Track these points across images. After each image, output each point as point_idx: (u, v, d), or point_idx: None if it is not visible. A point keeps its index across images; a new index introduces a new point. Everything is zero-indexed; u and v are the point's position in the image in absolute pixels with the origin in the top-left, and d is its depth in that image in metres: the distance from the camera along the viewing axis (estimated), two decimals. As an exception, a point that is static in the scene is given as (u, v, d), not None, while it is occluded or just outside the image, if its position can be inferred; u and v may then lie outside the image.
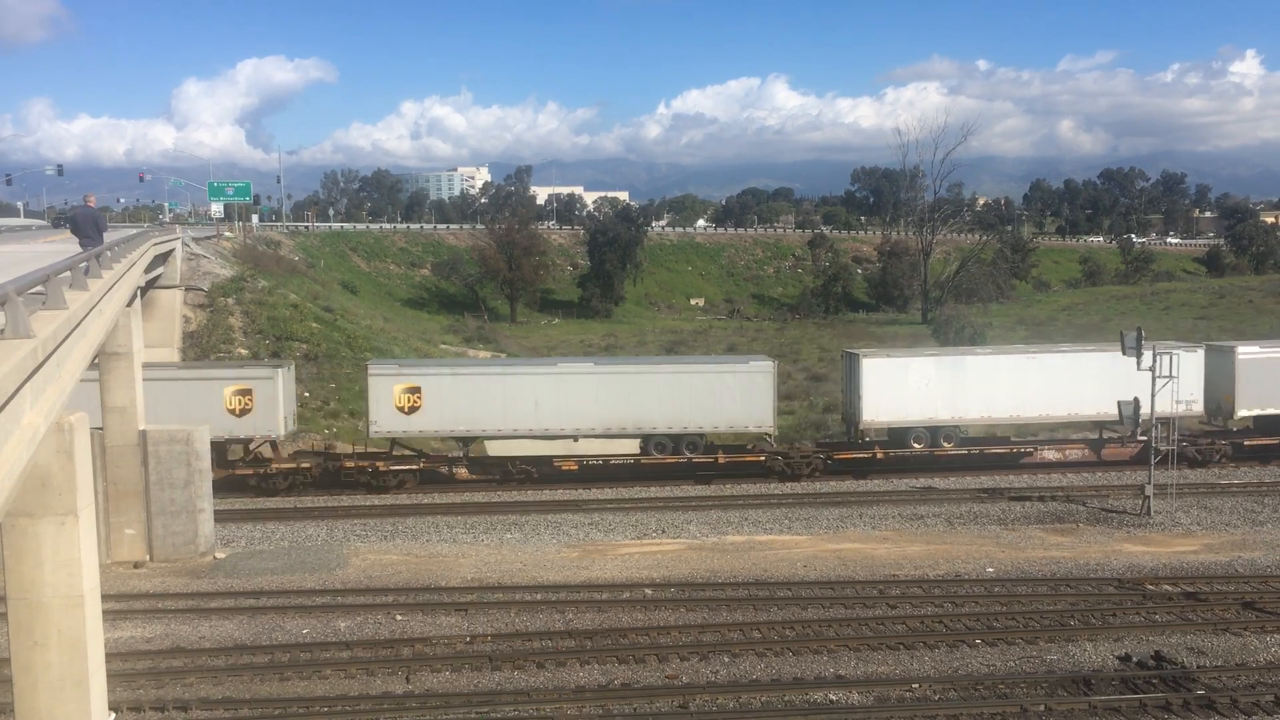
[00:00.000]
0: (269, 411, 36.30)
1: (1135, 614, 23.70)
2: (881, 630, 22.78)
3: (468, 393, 37.47)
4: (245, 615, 24.09)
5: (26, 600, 13.57)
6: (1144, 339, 32.51)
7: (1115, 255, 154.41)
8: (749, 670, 20.72)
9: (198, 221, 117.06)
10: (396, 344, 64.21)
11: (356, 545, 30.22)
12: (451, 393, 37.40)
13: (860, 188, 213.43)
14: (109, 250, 23.30)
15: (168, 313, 50.10)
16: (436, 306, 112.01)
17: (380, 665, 20.85)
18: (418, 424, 37.37)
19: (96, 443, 26.52)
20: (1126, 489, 35.27)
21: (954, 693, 19.55)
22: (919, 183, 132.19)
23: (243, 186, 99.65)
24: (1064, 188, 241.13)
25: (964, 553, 28.87)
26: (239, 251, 75.36)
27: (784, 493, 36.18)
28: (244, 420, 36.29)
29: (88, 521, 14.14)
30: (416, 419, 37.20)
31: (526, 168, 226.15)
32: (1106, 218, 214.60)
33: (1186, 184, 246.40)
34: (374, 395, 37.27)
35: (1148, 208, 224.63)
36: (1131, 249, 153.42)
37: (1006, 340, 75.39)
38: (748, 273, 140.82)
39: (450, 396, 37.33)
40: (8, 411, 9.43)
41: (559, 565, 28.07)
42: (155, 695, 19.47)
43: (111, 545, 28.53)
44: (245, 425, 36.39)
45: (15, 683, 13.85)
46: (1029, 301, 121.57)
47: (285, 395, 37.13)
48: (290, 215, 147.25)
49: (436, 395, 37.25)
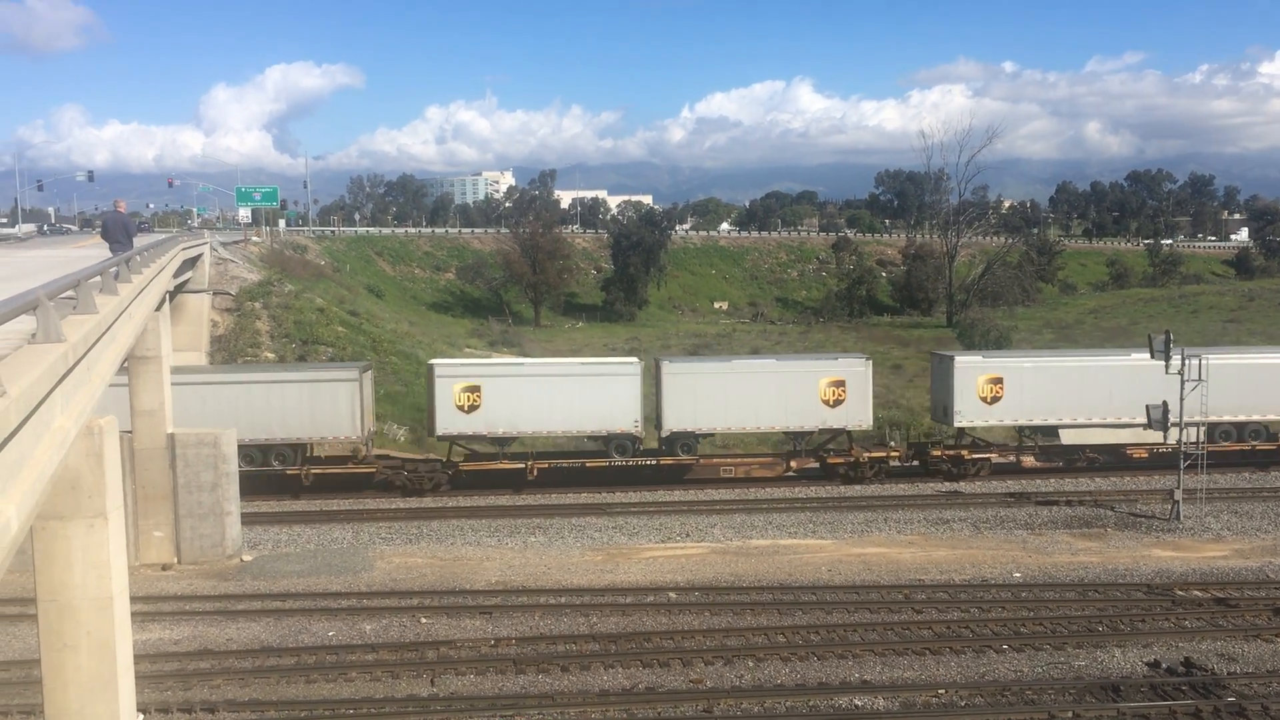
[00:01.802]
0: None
1: (1164, 620, 23.49)
2: (907, 635, 22.67)
3: None
4: (272, 617, 24.23)
5: (56, 602, 13.67)
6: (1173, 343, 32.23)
7: (1143, 258, 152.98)
8: (774, 675, 20.66)
9: (225, 226, 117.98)
10: (421, 347, 64.44)
11: (382, 548, 30.34)
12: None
13: (884, 191, 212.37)
14: (138, 255, 23.51)
15: (196, 317, 50.50)
16: (461, 310, 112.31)
17: (405, 668, 20.92)
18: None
19: (125, 446, 26.75)
20: (1155, 493, 34.98)
21: (980, 698, 19.43)
22: (944, 186, 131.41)
23: (270, 192, 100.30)
24: (1090, 190, 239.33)
25: (990, 557, 28.70)
26: (266, 256, 75.87)
27: (808, 496, 36.07)
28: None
29: (117, 524, 14.24)
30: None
31: (551, 172, 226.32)
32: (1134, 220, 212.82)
33: (1215, 186, 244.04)
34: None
35: (1175, 210, 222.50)
36: (1159, 251, 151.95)
37: (1033, 344, 74.96)
38: (771, 276, 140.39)
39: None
40: (39, 415, 9.52)
41: (583, 568, 28.08)
42: (183, 697, 19.61)
43: (140, 547, 28.74)
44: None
45: (45, 684, 13.96)
46: (1055, 305, 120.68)
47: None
48: (316, 220, 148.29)
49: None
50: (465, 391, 36.76)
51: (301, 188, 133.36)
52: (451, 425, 37.02)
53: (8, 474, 8.18)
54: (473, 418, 36.81)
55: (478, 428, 37.10)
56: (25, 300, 10.38)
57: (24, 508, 8.73)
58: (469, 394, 36.75)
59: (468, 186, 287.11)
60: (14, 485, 8.46)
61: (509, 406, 36.89)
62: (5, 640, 22.62)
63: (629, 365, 38.23)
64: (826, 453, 39.01)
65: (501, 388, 37.05)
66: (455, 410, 36.78)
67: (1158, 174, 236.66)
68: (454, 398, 36.76)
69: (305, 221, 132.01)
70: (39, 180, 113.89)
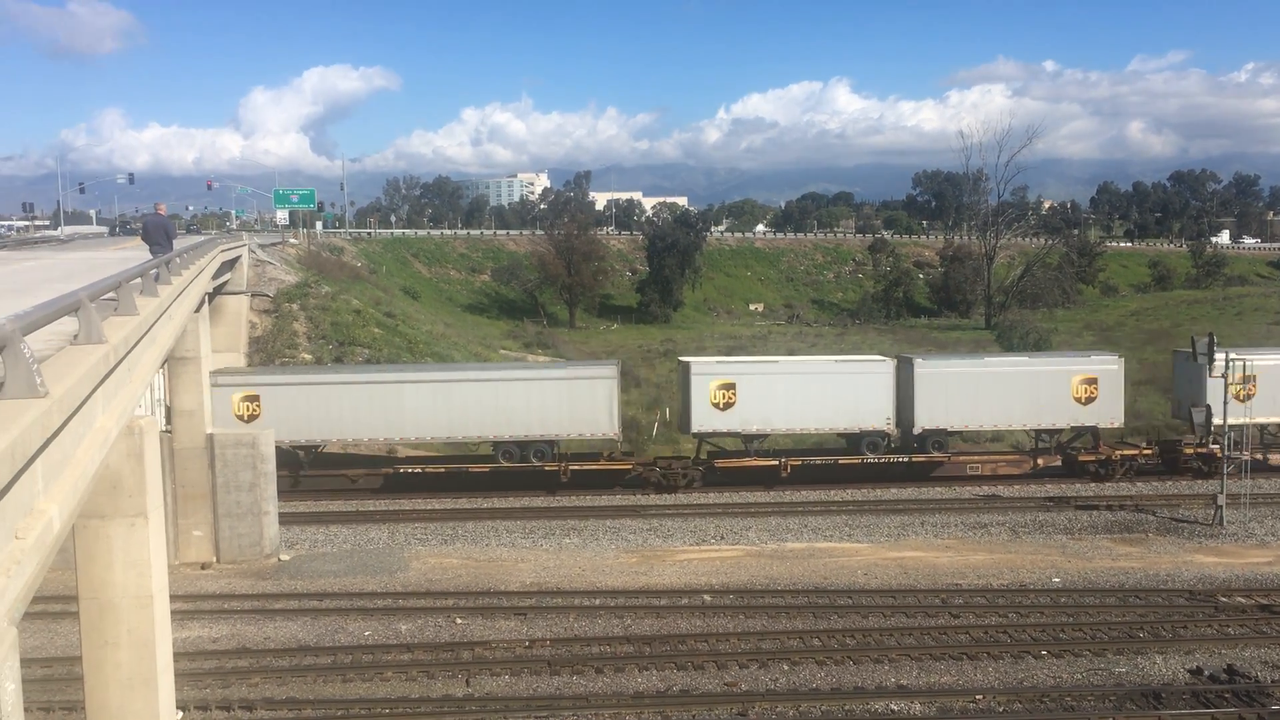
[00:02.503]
0: None
1: (1207, 626, 23.15)
2: (944, 640, 22.47)
3: None
4: (309, 616, 24.40)
5: (97, 600, 13.84)
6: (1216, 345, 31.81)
7: (1186, 259, 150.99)
8: (809, 678, 20.55)
9: (263, 229, 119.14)
10: (457, 349, 64.74)
11: (417, 548, 30.48)
12: None
13: (922, 192, 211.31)
14: (178, 257, 23.77)
15: (234, 318, 50.95)
16: (496, 312, 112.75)
17: (440, 668, 21.00)
18: None
19: (165, 446, 27.04)
20: (1198, 498, 34.49)
21: (1019, 705, 19.24)
22: (982, 186, 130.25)
23: (307, 194, 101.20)
24: (1132, 190, 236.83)
25: (1029, 562, 28.41)
26: (303, 258, 76.54)
27: (845, 499, 35.88)
28: None
29: (157, 523, 14.40)
30: None
31: (586, 173, 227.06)
32: (1176, 221, 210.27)
33: (1260, 186, 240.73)
34: None
35: (1219, 210, 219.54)
36: (1202, 253, 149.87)
37: (1074, 345, 74.18)
38: (807, 278, 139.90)
39: None
40: (80, 415, 9.62)
41: (618, 570, 28.08)
42: (221, 695, 19.79)
43: (179, 547, 29.06)
44: None
45: (86, 681, 14.12)
46: (1096, 306, 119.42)
47: None
48: (353, 222, 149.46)
49: None
50: (721, 389, 37.17)
51: (338, 190, 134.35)
52: (706, 423, 37.44)
53: (50, 474, 8.28)
54: (727, 415, 37.26)
55: (732, 425, 37.53)
56: (68, 302, 10.50)
57: (66, 507, 8.83)
58: (724, 391, 37.15)
59: (503, 188, 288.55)
60: (56, 485, 8.55)
61: (763, 404, 37.28)
62: (48, 637, 22.93)
63: (882, 363, 38.49)
64: (1074, 450, 38.94)
65: (756, 385, 37.41)
66: (710, 408, 37.21)
67: (1201, 174, 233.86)
68: (709, 395, 37.17)
69: (342, 223, 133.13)
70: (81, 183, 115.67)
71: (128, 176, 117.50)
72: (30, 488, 7.51)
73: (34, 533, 7.38)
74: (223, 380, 35.32)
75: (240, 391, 35.66)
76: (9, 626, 6.73)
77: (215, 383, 34.19)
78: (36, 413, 7.55)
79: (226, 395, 35.23)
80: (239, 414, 35.34)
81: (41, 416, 7.68)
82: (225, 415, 34.81)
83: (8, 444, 6.64)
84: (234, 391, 35.57)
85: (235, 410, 35.38)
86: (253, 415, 35.45)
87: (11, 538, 7.02)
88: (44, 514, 7.86)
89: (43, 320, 9.30)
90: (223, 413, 34.59)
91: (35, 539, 7.39)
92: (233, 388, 35.61)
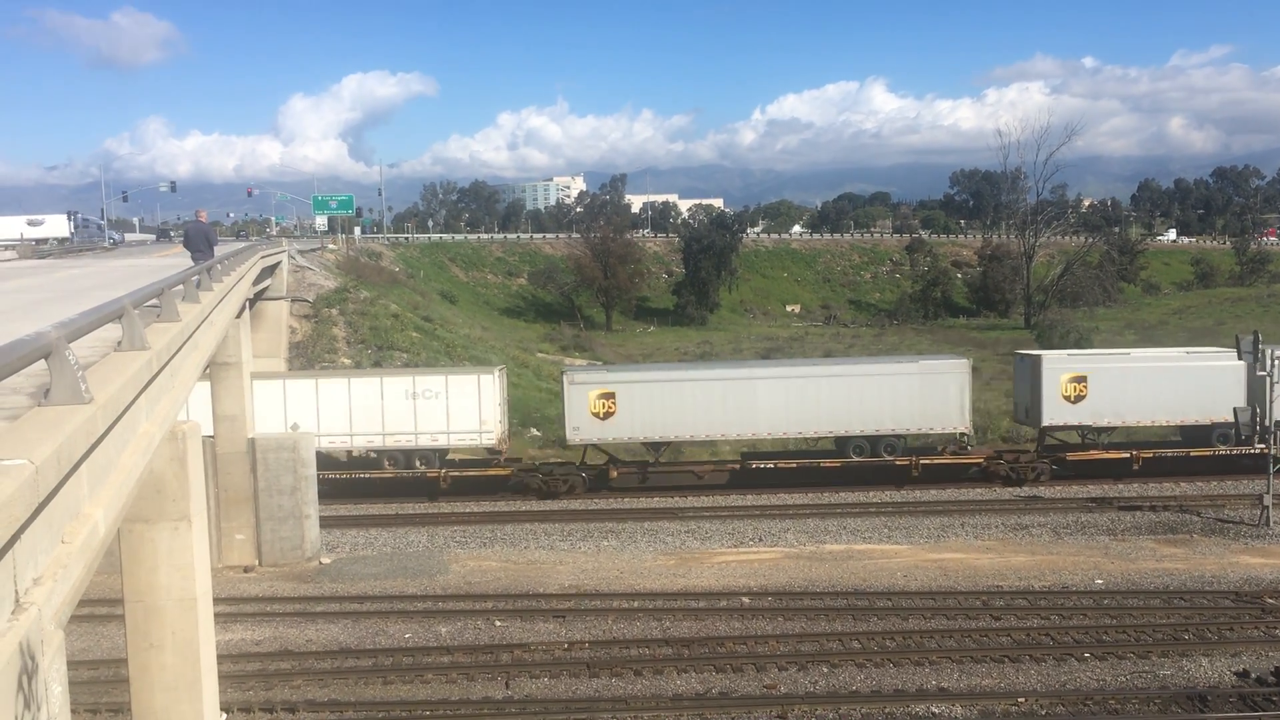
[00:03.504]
0: None
1: (1253, 628, 22.79)
2: (985, 642, 22.28)
3: None
4: (350, 619, 24.59)
5: (143, 603, 14.02)
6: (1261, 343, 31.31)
7: (1229, 256, 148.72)
8: (848, 681, 20.45)
9: (303, 234, 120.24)
10: (494, 352, 65.02)
11: (456, 551, 30.63)
12: None
13: (959, 191, 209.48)
14: (219, 264, 24.03)
15: (275, 323, 51.48)
16: (533, 315, 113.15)
17: (480, 670, 21.09)
18: None
19: (208, 450, 27.36)
20: (1243, 498, 33.97)
21: (1061, 708, 19.04)
22: (1021, 185, 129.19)
23: (345, 200, 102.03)
24: (1174, 187, 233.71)
25: (1071, 564, 28.10)
26: (342, 263, 77.19)
27: (883, 501, 35.67)
28: None
29: (200, 527, 14.56)
30: None
31: (621, 176, 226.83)
32: (1220, 218, 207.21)
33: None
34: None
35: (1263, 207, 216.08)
36: (1246, 249, 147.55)
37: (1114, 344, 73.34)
38: (844, 279, 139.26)
39: None
40: (125, 421, 9.75)
41: (656, 573, 28.07)
42: (264, 697, 20.00)
43: (222, 550, 29.37)
44: None
45: (132, 683, 14.31)
46: (1138, 305, 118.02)
47: None
48: (391, 227, 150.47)
49: None
50: (1072, 382, 37.53)
51: (376, 195, 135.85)
52: (1056, 416, 37.71)
53: (95, 478, 8.40)
54: (1078, 408, 37.58)
55: (1082, 417, 37.86)
56: (112, 309, 10.63)
57: (111, 511, 8.95)
58: (1076, 384, 37.49)
59: (539, 192, 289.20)
60: (101, 489, 8.67)
61: (1115, 396, 37.48)
62: (94, 640, 23.26)
63: (1231, 354, 37.84)
64: None
65: (1109, 378, 37.65)
66: (1061, 401, 37.52)
67: (1244, 170, 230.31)
68: (1060, 389, 37.48)
69: (380, 229, 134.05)
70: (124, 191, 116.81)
71: (170, 184, 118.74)
72: (76, 492, 7.62)
73: (80, 537, 7.49)
74: (579, 379, 37.15)
75: (597, 389, 36.76)
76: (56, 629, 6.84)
77: (573, 381, 36.66)
78: (81, 419, 7.66)
79: (584, 393, 36.62)
80: (595, 412, 36.56)
81: (86, 422, 7.79)
82: (582, 413, 36.32)
83: (54, 449, 6.75)
84: (591, 389, 36.75)
85: (591, 408, 36.59)
86: (608, 413, 36.58)
87: (58, 542, 7.13)
88: (90, 518, 7.97)
89: (87, 327, 9.42)
90: (579, 410, 36.30)
91: (81, 543, 7.50)
92: (590, 386, 36.91)
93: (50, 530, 6.89)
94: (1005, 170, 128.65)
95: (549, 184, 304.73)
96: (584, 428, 36.80)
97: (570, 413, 36.80)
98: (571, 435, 37.13)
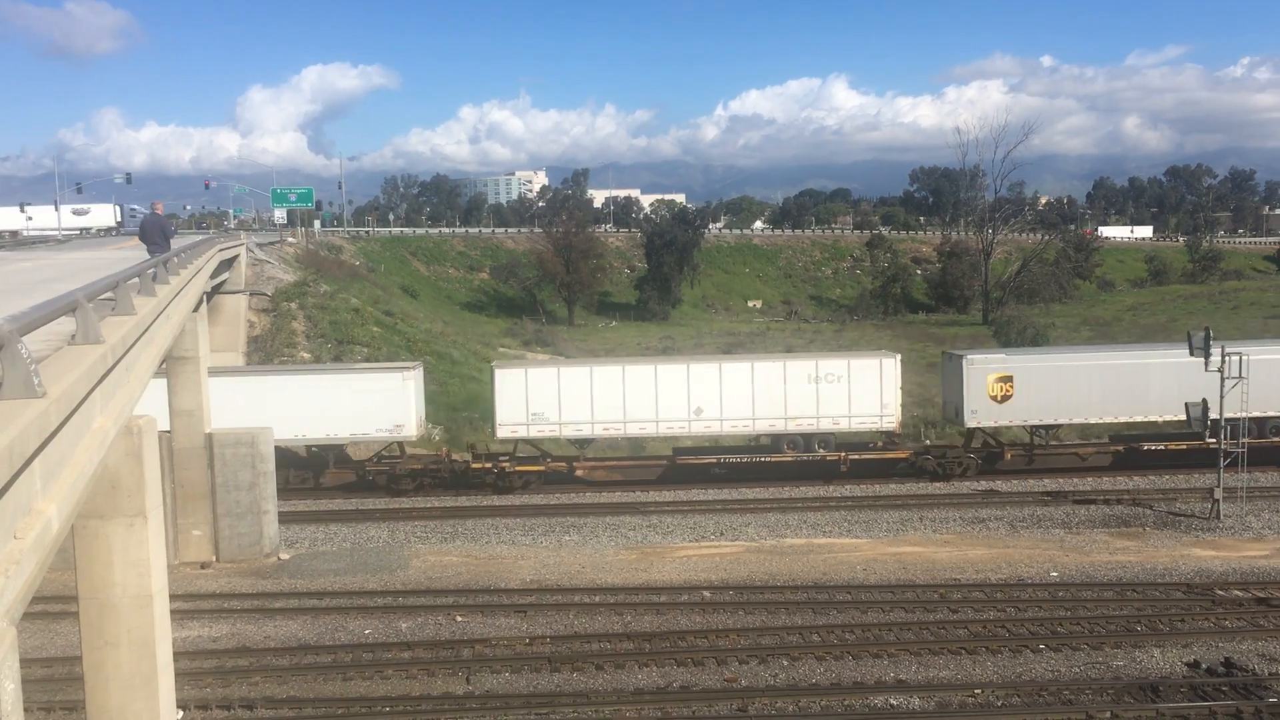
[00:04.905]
0: None
1: (1204, 620, 23.20)
2: (943, 635, 22.53)
3: None
4: (309, 615, 24.44)
5: (97, 600, 13.86)
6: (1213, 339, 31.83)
7: (1182, 254, 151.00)
8: (808, 674, 20.60)
9: (261, 228, 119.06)
10: (456, 347, 64.74)
11: (417, 547, 30.51)
12: None
13: (919, 188, 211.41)
14: (175, 257, 23.77)
15: (233, 317, 51.04)
16: (495, 310, 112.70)
17: (441, 666, 21.05)
18: None
19: (164, 445, 27.05)
20: (1194, 492, 34.53)
21: (1017, 698, 19.28)
22: (979, 182, 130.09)
23: (305, 193, 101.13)
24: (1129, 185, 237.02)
25: (1027, 556, 28.46)
26: (301, 257, 76.52)
27: (843, 495, 35.92)
28: None
29: (156, 523, 14.42)
30: None
31: (584, 171, 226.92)
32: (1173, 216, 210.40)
33: (1256, 180, 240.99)
34: None
35: (1215, 205, 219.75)
36: (1199, 247, 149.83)
37: (1070, 341, 74.25)
38: (805, 274, 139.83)
39: None
40: (79, 416, 9.64)
41: (617, 567, 28.12)
42: (222, 694, 19.83)
43: (179, 546, 29.08)
44: None
45: (86, 681, 14.15)
46: (1093, 301, 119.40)
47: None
48: (351, 220, 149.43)
49: None
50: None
51: (336, 188, 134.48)
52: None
53: (48, 474, 8.30)
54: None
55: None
56: (65, 302, 10.51)
57: (64, 507, 8.85)
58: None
59: (501, 186, 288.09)
60: (55, 485, 8.57)
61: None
62: (48, 638, 22.96)
63: None
64: None
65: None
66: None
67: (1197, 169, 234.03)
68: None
69: (340, 222, 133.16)
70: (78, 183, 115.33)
71: (125, 176, 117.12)
72: (29, 488, 7.53)
73: (33, 533, 7.41)
74: (978, 362, 37.64)
75: (995, 372, 37.09)
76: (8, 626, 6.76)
77: (970, 363, 37.03)
78: (34, 413, 7.57)
79: (982, 375, 37.10)
80: (992, 394, 36.97)
81: (39, 417, 7.70)
82: (980, 396, 36.90)
83: (5, 444, 6.67)
84: (990, 372, 37.12)
85: (989, 391, 37.08)
86: (1005, 396, 36.98)
87: (10, 538, 7.04)
88: (42, 514, 7.88)
89: (40, 321, 9.31)
90: (978, 393, 36.90)
91: (34, 539, 7.41)
92: (988, 368, 37.29)
93: (2, 526, 6.80)
94: (964, 168, 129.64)
95: (511, 178, 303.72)
96: (981, 411, 37.45)
97: (969, 396, 37.29)
98: (969, 419, 37.71)
